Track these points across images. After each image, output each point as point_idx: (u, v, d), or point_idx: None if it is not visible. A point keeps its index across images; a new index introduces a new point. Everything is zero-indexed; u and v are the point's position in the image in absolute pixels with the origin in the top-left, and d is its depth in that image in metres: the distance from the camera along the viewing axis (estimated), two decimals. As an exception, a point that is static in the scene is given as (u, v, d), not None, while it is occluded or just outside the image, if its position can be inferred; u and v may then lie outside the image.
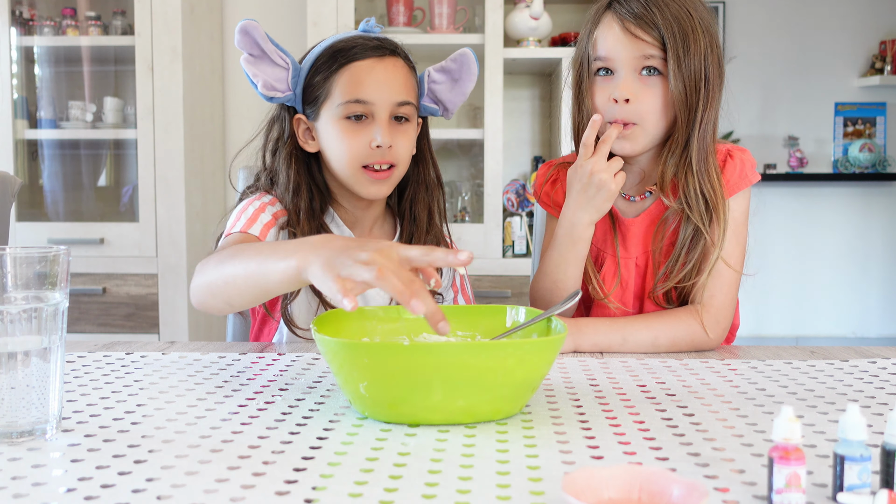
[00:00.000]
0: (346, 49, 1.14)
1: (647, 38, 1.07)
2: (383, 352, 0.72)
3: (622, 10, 1.09)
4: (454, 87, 1.21)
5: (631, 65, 1.08)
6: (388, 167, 1.14)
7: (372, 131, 1.12)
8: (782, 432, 0.52)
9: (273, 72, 1.14)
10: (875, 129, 4.67)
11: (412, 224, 1.23)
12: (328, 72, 1.14)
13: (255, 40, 1.11)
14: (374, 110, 1.12)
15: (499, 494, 0.56)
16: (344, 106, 1.12)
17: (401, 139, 1.14)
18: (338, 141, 1.13)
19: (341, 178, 1.16)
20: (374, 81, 1.12)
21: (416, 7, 2.67)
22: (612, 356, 1.03)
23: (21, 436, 0.67)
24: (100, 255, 2.52)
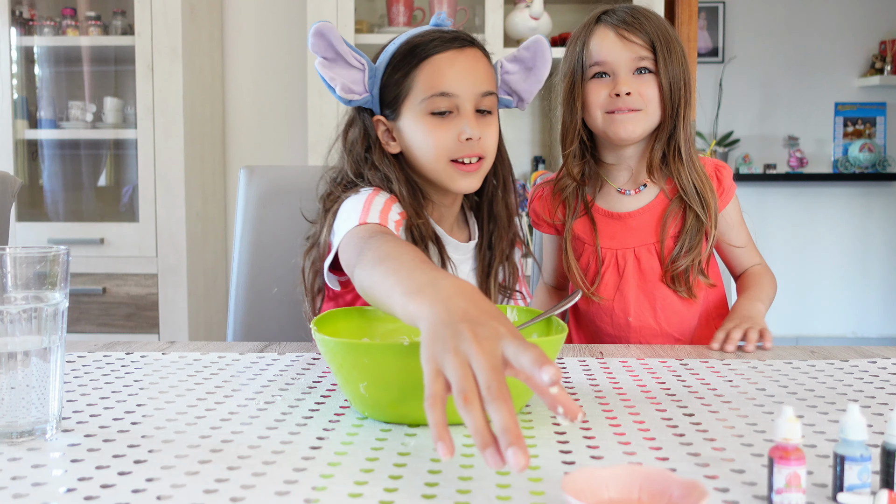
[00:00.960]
0: (424, 43, 1.10)
1: (639, 41, 1.22)
2: (383, 352, 0.72)
3: (614, 20, 1.24)
4: (528, 76, 1.19)
5: (627, 65, 1.22)
6: (476, 160, 1.11)
7: (459, 124, 1.09)
8: (782, 432, 0.52)
9: (349, 74, 1.11)
10: (875, 129, 4.67)
11: (491, 222, 1.21)
12: (407, 68, 1.10)
13: (331, 42, 1.09)
14: (459, 103, 1.09)
15: (499, 494, 0.56)
16: (428, 101, 1.09)
17: (487, 130, 1.11)
18: (424, 137, 1.10)
19: (430, 174, 1.13)
20: (456, 73, 1.09)
21: (416, 7, 2.67)
22: (611, 356, 1.03)
23: (21, 436, 0.67)
24: (100, 255, 2.52)
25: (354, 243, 0.96)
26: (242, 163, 2.83)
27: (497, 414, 0.53)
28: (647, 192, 1.30)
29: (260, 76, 2.83)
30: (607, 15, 1.25)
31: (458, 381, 0.56)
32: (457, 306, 0.62)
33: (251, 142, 2.85)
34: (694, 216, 1.25)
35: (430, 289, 0.67)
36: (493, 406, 0.53)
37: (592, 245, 1.29)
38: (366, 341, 0.86)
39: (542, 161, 2.89)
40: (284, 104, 2.82)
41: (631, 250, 1.27)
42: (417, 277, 0.72)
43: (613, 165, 1.30)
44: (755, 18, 4.61)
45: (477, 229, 1.23)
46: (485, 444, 0.53)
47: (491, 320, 0.60)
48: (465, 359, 0.57)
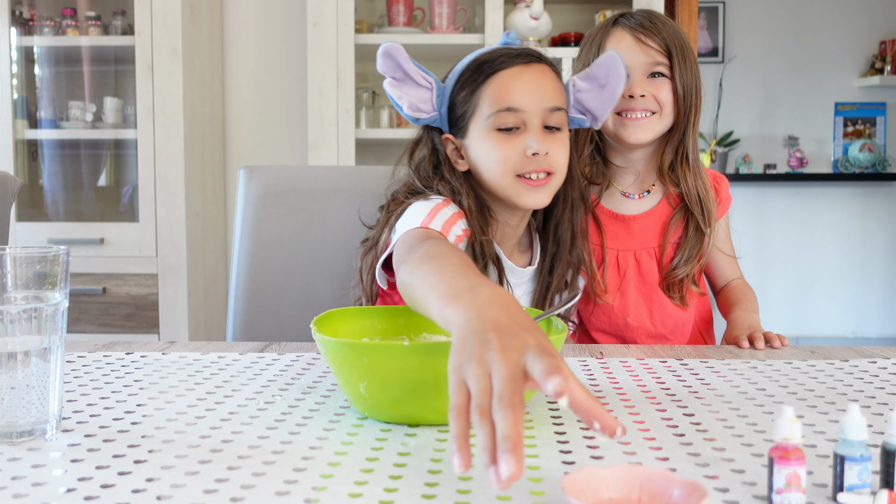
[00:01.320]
0: (490, 60, 1.10)
1: (655, 45, 1.23)
2: (383, 352, 0.72)
3: (631, 23, 1.25)
4: (601, 93, 1.15)
5: (642, 69, 1.24)
6: (544, 175, 1.09)
7: (525, 140, 1.07)
8: (782, 432, 0.52)
9: (417, 93, 1.11)
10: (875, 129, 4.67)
11: (555, 244, 1.19)
12: (474, 85, 1.10)
13: (398, 62, 1.08)
14: (526, 118, 1.07)
15: (499, 494, 0.56)
16: (494, 116, 1.08)
17: (555, 146, 1.09)
18: (490, 153, 1.09)
19: (497, 190, 1.11)
20: (522, 88, 1.08)
21: (416, 7, 2.67)
22: (612, 356, 1.03)
23: (21, 436, 0.67)
24: (100, 255, 2.52)
25: (409, 244, 0.96)
26: (242, 163, 2.83)
27: (502, 422, 0.52)
28: (651, 198, 1.32)
29: (260, 76, 2.83)
30: (625, 18, 1.26)
31: (476, 394, 0.55)
32: (490, 315, 0.61)
33: (251, 142, 2.85)
34: (695, 226, 1.28)
35: (468, 295, 0.65)
36: (500, 414, 0.52)
37: (596, 245, 1.29)
38: (366, 341, 0.86)
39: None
40: (284, 104, 2.82)
41: (632, 252, 1.30)
42: (459, 282, 0.70)
43: (620, 168, 1.32)
44: (755, 18, 4.61)
45: (539, 254, 1.21)
46: (489, 462, 0.52)
47: (522, 331, 0.58)
48: (487, 369, 0.55)
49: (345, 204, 1.47)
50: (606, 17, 1.30)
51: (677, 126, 1.26)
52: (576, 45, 2.69)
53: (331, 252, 1.46)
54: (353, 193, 1.47)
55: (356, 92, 2.58)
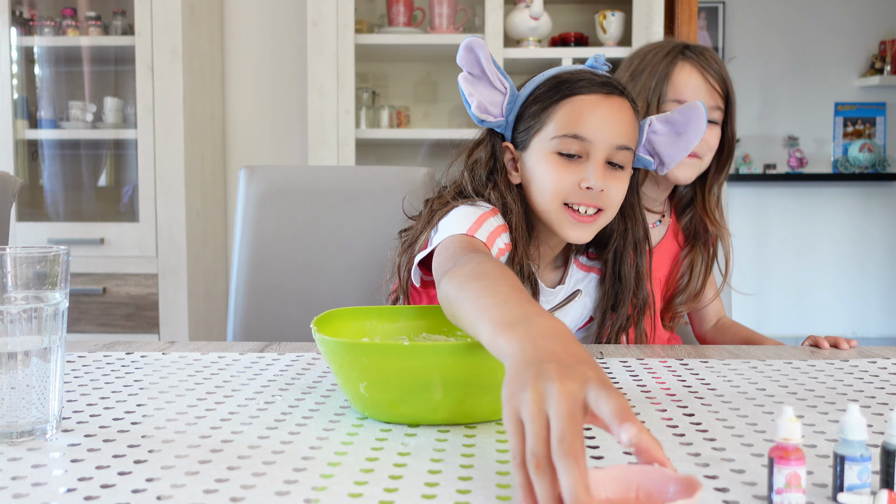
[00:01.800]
0: (572, 81, 1.06)
1: (719, 89, 1.26)
2: (383, 352, 0.72)
3: (700, 60, 1.26)
4: (676, 141, 1.11)
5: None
6: (595, 211, 1.06)
7: (584, 170, 1.04)
8: (782, 432, 0.52)
9: (490, 94, 1.08)
10: (875, 129, 4.67)
11: (617, 283, 1.16)
12: (548, 101, 1.06)
13: (479, 59, 1.06)
14: (591, 149, 1.04)
15: (499, 494, 0.56)
16: (559, 140, 1.04)
17: (613, 184, 1.06)
18: (545, 174, 1.06)
19: (542, 213, 1.09)
20: (596, 119, 1.04)
21: (416, 7, 2.67)
22: (611, 356, 1.03)
23: (21, 436, 0.67)
24: (100, 255, 2.52)
25: (453, 250, 0.93)
26: (242, 163, 2.83)
27: (566, 475, 0.48)
28: (661, 229, 1.36)
29: (260, 76, 2.83)
30: (691, 51, 1.26)
31: (532, 437, 0.51)
32: (546, 346, 0.58)
33: (251, 142, 2.85)
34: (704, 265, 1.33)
35: (523, 325, 0.62)
36: (563, 464, 0.49)
37: None
38: (366, 341, 0.86)
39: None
40: (284, 104, 2.82)
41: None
42: (513, 308, 0.66)
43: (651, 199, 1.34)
44: (755, 18, 4.61)
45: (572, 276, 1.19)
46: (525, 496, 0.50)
47: (579, 364, 0.56)
48: (542, 403, 0.52)
49: (345, 204, 1.47)
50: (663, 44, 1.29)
51: (721, 168, 1.30)
52: (576, 45, 2.69)
53: (331, 252, 1.46)
54: (353, 193, 1.47)
55: (356, 92, 2.58)
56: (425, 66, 2.80)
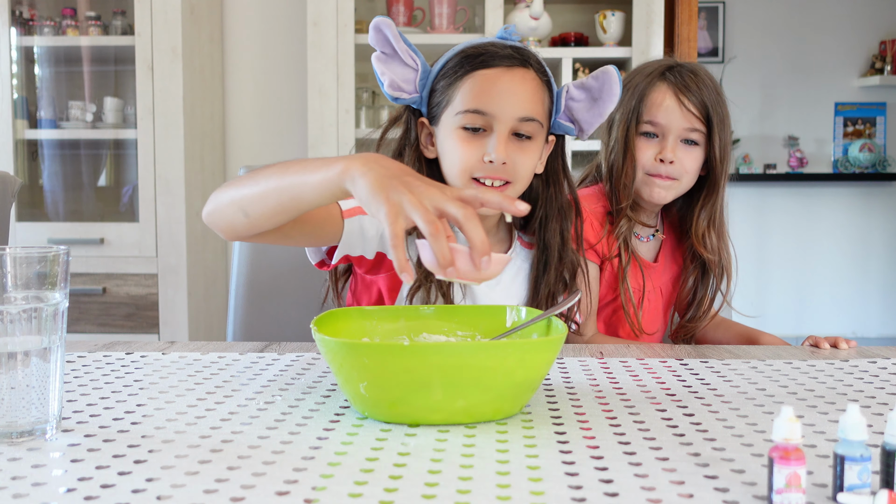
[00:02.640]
0: (476, 55, 1.08)
1: (695, 111, 1.25)
2: (383, 352, 0.72)
3: (677, 81, 1.26)
4: (593, 107, 1.13)
5: (677, 133, 1.26)
6: (501, 183, 1.07)
7: (487, 144, 1.06)
8: (782, 432, 0.52)
9: (402, 72, 1.10)
10: (875, 129, 4.67)
11: (543, 250, 1.16)
12: (453, 77, 1.08)
13: (388, 38, 1.07)
14: (494, 123, 1.06)
15: (499, 494, 0.56)
16: (463, 115, 1.06)
17: (519, 156, 1.07)
18: (452, 150, 1.08)
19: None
20: (497, 92, 1.05)
21: (416, 7, 2.67)
22: (612, 356, 1.03)
23: (21, 436, 0.67)
24: (100, 255, 2.52)
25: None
26: (242, 163, 2.83)
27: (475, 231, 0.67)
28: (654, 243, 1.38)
29: (260, 76, 2.83)
30: (671, 73, 1.27)
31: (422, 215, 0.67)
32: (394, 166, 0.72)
33: (251, 142, 2.85)
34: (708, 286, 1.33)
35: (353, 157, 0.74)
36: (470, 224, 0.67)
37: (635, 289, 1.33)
38: (366, 341, 0.86)
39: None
40: (284, 104, 2.82)
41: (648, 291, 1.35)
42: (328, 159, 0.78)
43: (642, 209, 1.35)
44: (755, 18, 4.61)
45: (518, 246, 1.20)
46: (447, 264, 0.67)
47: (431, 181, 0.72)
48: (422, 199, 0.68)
49: (345, 204, 1.46)
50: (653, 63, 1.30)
51: (711, 189, 1.29)
52: (576, 45, 2.69)
53: (331, 252, 1.46)
54: (353, 193, 1.47)
55: (356, 92, 2.58)
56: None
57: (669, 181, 1.27)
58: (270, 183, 0.85)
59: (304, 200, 0.83)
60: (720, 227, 1.31)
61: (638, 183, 1.28)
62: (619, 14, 2.66)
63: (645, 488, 0.57)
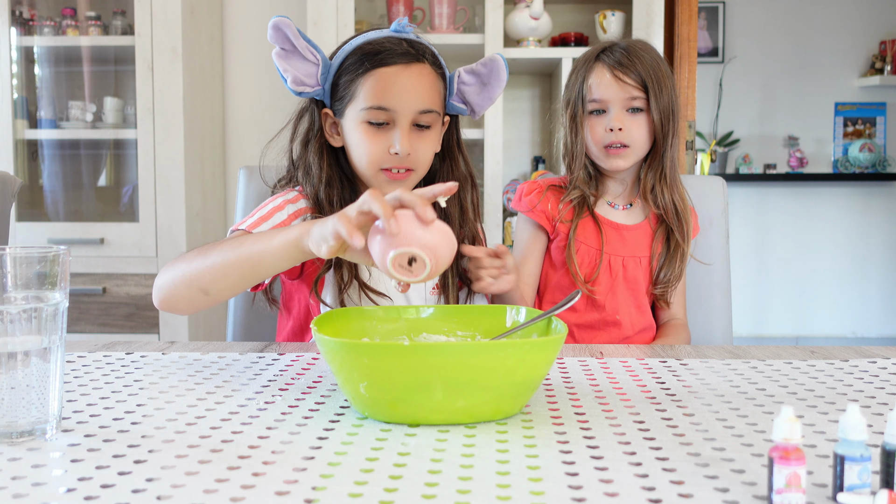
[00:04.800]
0: (374, 53, 1.15)
1: (632, 82, 1.33)
2: (383, 352, 0.72)
3: (611, 60, 1.35)
4: (482, 91, 1.23)
5: (620, 104, 1.34)
6: (405, 171, 1.16)
7: (391, 137, 1.14)
8: (782, 432, 0.52)
9: (303, 67, 1.16)
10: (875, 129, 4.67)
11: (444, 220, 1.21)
12: (355, 74, 1.15)
13: (287, 35, 1.13)
14: (396, 117, 1.14)
15: (499, 494, 0.56)
16: (367, 111, 1.14)
17: (421, 145, 1.16)
18: (359, 143, 1.16)
19: (362, 176, 1.20)
20: (397, 90, 1.13)
21: (416, 7, 2.67)
22: (612, 356, 1.03)
23: (21, 436, 0.67)
24: (100, 255, 2.52)
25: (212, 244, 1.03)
26: (242, 163, 2.83)
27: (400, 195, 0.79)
28: (634, 211, 1.43)
29: (260, 76, 2.83)
30: (605, 54, 1.36)
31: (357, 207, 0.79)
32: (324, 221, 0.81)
33: (251, 142, 2.85)
34: (675, 242, 1.38)
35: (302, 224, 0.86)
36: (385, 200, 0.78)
37: (590, 247, 1.39)
38: (366, 341, 0.86)
39: (542, 161, 2.89)
40: (284, 104, 2.81)
41: (621, 258, 1.39)
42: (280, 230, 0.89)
43: (611, 180, 1.43)
44: (755, 18, 4.61)
45: None
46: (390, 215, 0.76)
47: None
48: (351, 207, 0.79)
49: (345, 204, 1.46)
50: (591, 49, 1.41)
51: (656, 150, 1.37)
52: (576, 45, 2.69)
53: (331, 252, 1.46)
54: (353, 193, 1.47)
55: (356, 92, 2.57)
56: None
57: (623, 149, 1.34)
58: (228, 259, 0.93)
59: (265, 267, 0.91)
60: (672, 181, 1.38)
61: (597, 158, 1.38)
62: (619, 14, 2.66)
63: (645, 488, 0.57)
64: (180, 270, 0.98)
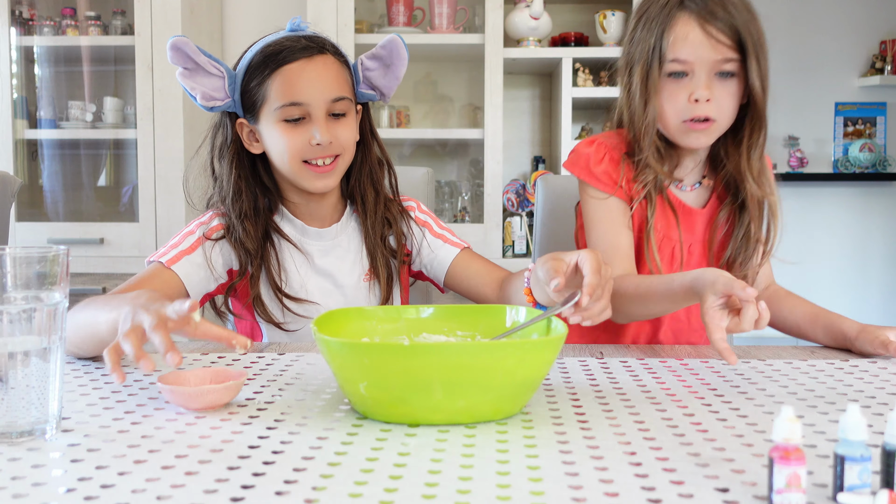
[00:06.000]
0: (276, 53, 1.16)
1: (727, 41, 1.10)
2: (383, 352, 0.72)
3: (701, 12, 1.10)
4: (387, 73, 1.23)
5: (709, 67, 1.11)
6: (332, 160, 1.17)
7: (310, 130, 1.15)
8: (782, 432, 0.52)
9: (209, 82, 1.17)
10: (875, 129, 4.67)
11: (362, 206, 1.26)
12: (261, 77, 1.16)
13: (187, 54, 1.14)
14: (311, 110, 1.15)
15: (499, 494, 0.56)
16: (281, 110, 1.15)
17: (340, 131, 1.17)
18: (279, 142, 1.16)
19: (286, 175, 1.20)
20: (306, 83, 1.14)
21: (416, 7, 2.67)
22: (612, 356, 1.03)
23: (21, 436, 0.67)
24: (100, 255, 2.52)
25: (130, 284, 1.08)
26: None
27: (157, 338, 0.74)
28: (701, 192, 1.24)
29: (260, 76, 2.83)
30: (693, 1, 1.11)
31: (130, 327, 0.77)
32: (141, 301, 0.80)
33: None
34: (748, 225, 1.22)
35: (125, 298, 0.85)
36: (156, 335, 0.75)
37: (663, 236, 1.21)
38: (366, 341, 0.86)
39: (542, 161, 2.89)
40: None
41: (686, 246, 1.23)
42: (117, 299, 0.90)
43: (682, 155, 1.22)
44: (755, 18, 4.61)
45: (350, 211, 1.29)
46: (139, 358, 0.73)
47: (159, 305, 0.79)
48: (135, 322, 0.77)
49: (345, 204, 1.46)
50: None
51: (758, 122, 1.15)
52: (576, 45, 2.69)
53: (331, 252, 1.45)
54: (353, 193, 1.46)
55: (356, 92, 2.57)
56: (425, 66, 2.79)
57: (707, 124, 1.12)
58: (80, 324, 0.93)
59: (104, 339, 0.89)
60: (761, 170, 1.20)
61: (675, 134, 1.15)
62: (619, 14, 2.66)
63: (645, 488, 0.57)
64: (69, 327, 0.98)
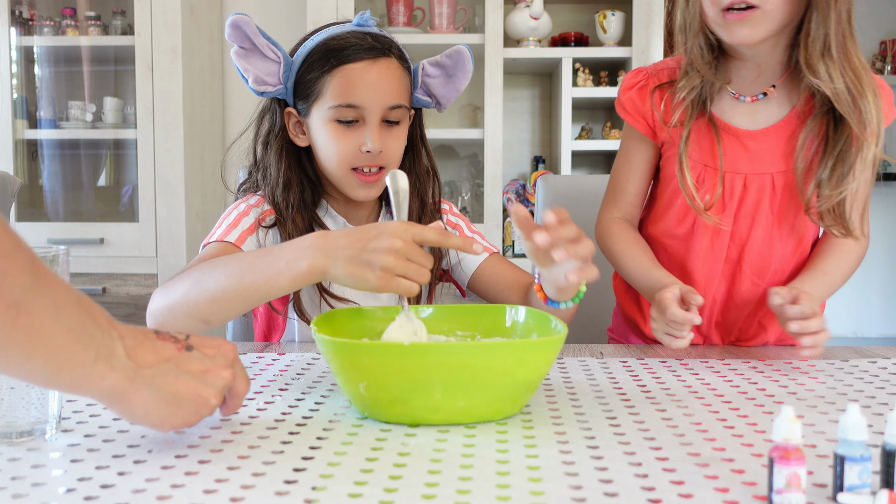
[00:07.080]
0: (340, 49, 1.11)
1: None
2: (383, 352, 0.72)
3: None
4: (448, 83, 1.20)
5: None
6: (377, 169, 1.13)
7: (362, 135, 1.11)
8: (782, 432, 0.52)
9: (264, 66, 1.12)
10: (875, 129, 4.65)
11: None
12: (320, 71, 1.11)
13: (246, 34, 1.09)
14: (365, 114, 1.11)
15: (499, 494, 0.56)
16: (335, 109, 1.10)
17: (391, 141, 1.13)
18: (328, 142, 1.12)
19: (331, 178, 1.16)
20: (366, 86, 1.10)
21: (416, 7, 2.67)
22: (612, 356, 1.03)
23: (21, 436, 0.67)
24: (100, 255, 2.52)
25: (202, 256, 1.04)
26: (243, 163, 2.83)
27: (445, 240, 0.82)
28: (767, 104, 1.09)
29: (260, 76, 2.83)
30: None
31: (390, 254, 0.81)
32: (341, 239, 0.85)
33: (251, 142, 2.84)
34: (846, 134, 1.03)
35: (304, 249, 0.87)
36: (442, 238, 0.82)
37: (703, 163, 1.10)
38: (366, 341, 0.86)
39: (542, 161, 2.89)
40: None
41: (742, 177, 1.09)
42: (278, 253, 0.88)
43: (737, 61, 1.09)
44: (755, 18, 4.61)
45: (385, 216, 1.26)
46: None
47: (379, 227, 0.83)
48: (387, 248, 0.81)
49: (345, 204, 1.46)
50: None
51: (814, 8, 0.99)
52: (576, 45, 2.69)
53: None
54: (353, 193, 1.46)
55: (356, 92, 2.57)
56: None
57: (748, 12, 0.98)
58: (228, 291, 0.90)
59: (270, 296, 0.90)
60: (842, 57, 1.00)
61: (712, 24, 1.03)
62: (619, 14, 2.66)
63: (645, 488, 0.57)
64: (176, 299, 0.94)
